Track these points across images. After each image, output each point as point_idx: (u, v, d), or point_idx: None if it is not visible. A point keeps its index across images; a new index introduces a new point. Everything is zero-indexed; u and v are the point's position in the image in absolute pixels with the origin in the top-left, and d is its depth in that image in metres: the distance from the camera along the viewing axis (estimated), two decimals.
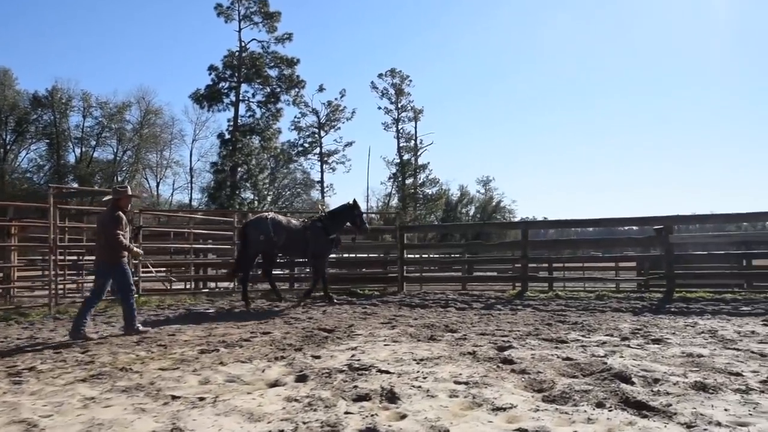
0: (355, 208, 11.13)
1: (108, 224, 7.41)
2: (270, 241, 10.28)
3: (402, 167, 64.17)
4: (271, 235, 10.24)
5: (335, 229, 10.96)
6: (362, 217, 11.20)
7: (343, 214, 11.19)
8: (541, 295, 11.37)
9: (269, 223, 10.35)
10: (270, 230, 10.25)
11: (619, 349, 6.02)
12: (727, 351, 5.84)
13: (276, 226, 10.39)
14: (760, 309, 8.98)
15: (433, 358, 5.60)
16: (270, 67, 46.34)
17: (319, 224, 10.85)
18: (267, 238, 10.24)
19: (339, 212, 11.29)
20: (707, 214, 11.62)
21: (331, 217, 11.09)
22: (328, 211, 11.51)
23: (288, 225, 10.69)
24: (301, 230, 10.71)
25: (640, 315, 8.73)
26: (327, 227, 10.76)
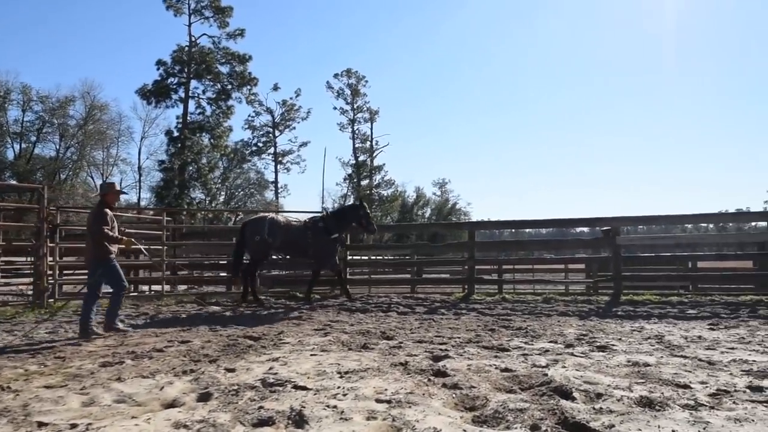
0: (362, 208, 10.90)
1: (93, 221, 7.40)
2: (264, 242, 10.15)
3: (357, 168, 63.64)
4: (265, 236, 10.10)
5: (339, 229, 10.69)
6: (369, 218, 10.91)
7: (348, 214, 10.96)
8: (488, 298, 10.97)
9: (266, 224, 10.24)
10: (265, 231, 10.13)
11: (562, 357, 5.59)
12: (674, 359, 5.49)
13: (272, 227, 10.23)
14: (706, 312, 8.77)
15: (360, 371, 5.04)
16: (221, 64, 45.04)
17: (321, 224, 10.53)
18: (261, 239, 10.12)
19: (343, 212, 11.09)
20: (653, 216, 11.43)
21: (335, 217, 10.81)
22: (332, 211, 11.25)
23: (286, 226, 10.45)
24: (301, 230, 10.47)
25: (586, 319, 8.39)
26: (329, 227, 10.48)
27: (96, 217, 7.44)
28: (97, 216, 7.44)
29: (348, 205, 11.20)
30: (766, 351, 5.83)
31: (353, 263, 14.49)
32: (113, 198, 7.84)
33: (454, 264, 16.04)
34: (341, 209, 11.20)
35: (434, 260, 16.16)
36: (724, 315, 8.49)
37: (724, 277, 12.47)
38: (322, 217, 10.84)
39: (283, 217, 10.95)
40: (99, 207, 7.59)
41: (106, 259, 7.42)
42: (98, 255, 7.39)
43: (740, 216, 11.49)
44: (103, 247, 7.35)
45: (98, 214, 7.44)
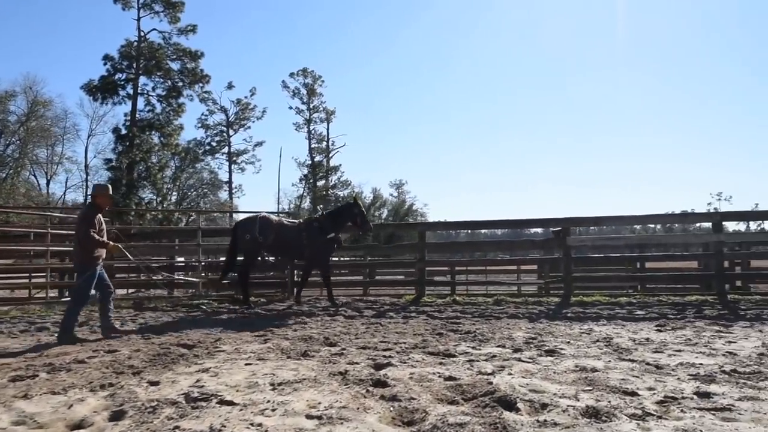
0: (356, 206, 10.58)
1: (80, 223, 7.26)
2: (255, 241, 9.96)
3: (314, 169, 63.03)
4: (256, 235, 9.91)
5: (335, 229, 10.40)
6: (364, 216, 10.58)
7: (343, 214, 10.67)
8: (439, 300, 10.75)
9: (257, 223, 10.04)
10: (256, 230, 9.94)
11: (509, 363, 5.37)
12: (622, 363, 5.34)
13: (264, 226, 10.02)
14: (653, 313, 8.76)
15: (295, 382, 4.70)
16: (172, 60, 43.69)
17: (315, 224, 10.29)
18: (252, 238, 9.95)
19: (338, 212, 10.80)
20: (602, 216, 11.44)
21: (330, 217, 10.52)
22: (327, 211, 10.92)
23: (279, 225, 10.20)
24: (296, 231, 10.21)
25: (536, 321, 8.24)
26: (325, 227, 10.23)
27: (83, 219, 7.24)
28: (84, 219, 7.24)
29: (343, 204, 10.80)
30: (713, 353, 5.76)
31: None
32: (104, 201, 7.54)
33: (410, 266, 15.85)
34: (337, 209, 10.94)
35: (388, 262, 15.90)
36: (671, 316, 8.48)
37: (671, 278, 12.62)
38: (317, 218, 10.61)
39: (276, 217, 10.71)
40: (88, 209, 7.43)
41: (91, 265, 7.22)
42: (84, 259, 7.21)
43: (686, 217, 11.63)
44: (89, 252, 7.17)
45: (86, 216, 7.26)
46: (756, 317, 8.21)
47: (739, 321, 7.90)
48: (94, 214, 7.32)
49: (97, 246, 7.22)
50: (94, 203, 7.45)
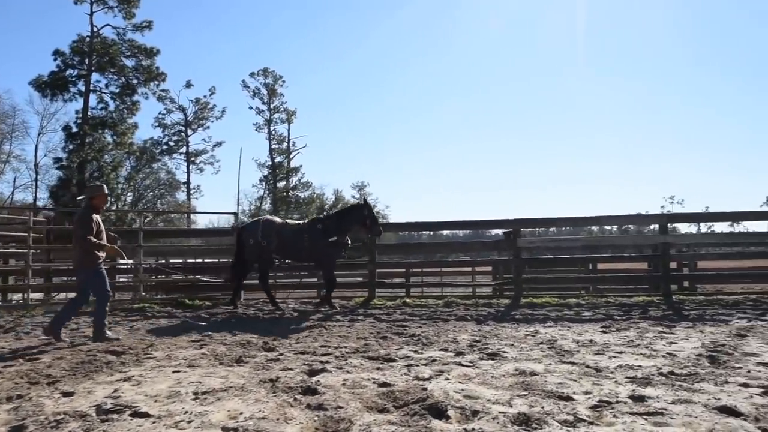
0: (366, 208, 10.08)
1: (77, 227, 7.14)
2: (258, 245, 9.78)
3: (274, 170, 62.23)
4: (259, 239, 9.75)
5: (341, 231, 9.91)
6: (374, 218, 10.07)
7: (351, 215, 10.15)
8: (389, 303, 10.57)
9: (260, 226, 9.89)
10: (259, 234, 9.77)
11: (448, 368, 5.22)
12: (562, 366, 5.25)
13: (266, 229, 9.83)
14: (600, 314, 8.77)
15: (221, 390, 4.45)
16: (126, 57, 42.40)
17: (319, 226, 9.92)
18: (255, 242, 9.79)
19: (345, 213, 10.31)
20: (554, 218, 11.50)
21: (336, 219, 10.08)
22: (334, 212, 10.46)
23: (282, 228, 9.96)
24: (297, 233, 9.92)
25: (483, 324, 8.14)
26: (329, 229, 9.82)
27: (81, 223, 7.14)
28: (81, 222, 7.13)
29: (350, 205, 10.37)
30: (653, 354, 5.73)
31: None
32: (101, 201, 7.46)
33: (352, 268, 15.61)
34: (342, 210, 10.44)
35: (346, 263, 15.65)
36: (617, 317, 8.49)
37: (620, 279, 12.76)
38: (321, 219, 10.25)
39: (280, 219, 10.40)
40: (85, 212, 7.27)
41: (93, 265, 7.16)
42: (84, 261, 7.14)
43: (633, 218, 11.77)
44: (89, 253, 7.11)
45: (83, 219, 7.14)
46: (698, 318, 8.29)
47: (682, 322, 7.96)
48: (91, 216, 7.18)
49: (94, 249, 7.12)
50: (90, 204, 7.33)
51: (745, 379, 4.59)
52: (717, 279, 13.45)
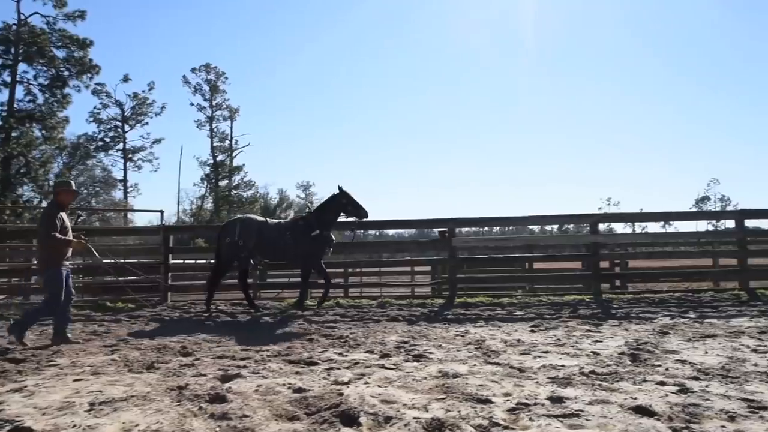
0: (342, 195, 9.59)
1: (41, 224, 6.89)
2: (235, 244, 9.40)
3: (216, 168, 60.83)
4: (235, 238, 9.39)
5: (325, 225, 9.54)
6: (354, 203, 9.55)
7: (330, 207, 9.71)
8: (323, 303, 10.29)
9: (237, 226, 9.52)
10: (236, 233, 9.41)
11: (370, 371, 5.04)
12: (486, 367, 5.15)
13: (245, 229, 9.45)
14: (531, 313, 8.78)
15: (121, 400, 4.11)
16: (57, 47, 40.24)
17: (301, 223, 9.58)
18: (232, 241, 9.43)
19: (325, 205, 9.78)
20: (487, 218, 11.52)
21: (318, 213, 9.66)
22: (315, 207, 9.92)
23: (262, 227, 9.55)
24: (279, 231, 9.56)
25: (414, 324, 8.01)
26: (312, 225, 9.44)
27: (43, 220, 6.87)
28: (45, 219, 6.86)
29: (329, 196, 9.82)
30: (577, 353, 5.72)
31: (179, 267, 13.22)
32: (67, 197, 7.16)
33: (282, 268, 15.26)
34: (323, 203, 9.93)
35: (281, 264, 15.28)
36: (548, 316, 8.53)
37: (554, 278, 12.93)
38: (303, 216, 9.82)
39: (260, 218, 9.93)
40: (49, 209, 7.01)
41: (57, 266, 6.82)
42: (48, 261, 6.84)
43: (565, 218, 11.98)
44: (53, 253, 6.78)
45: (46, 216, 6.87)
46: (625, 316, 8.42)
47: (610, 320, 8.05)
48: (56, 213, 6.86)
49: (60, 244, 6.77)
50: (56, 201, 7.02)
51: (662, 377, 4.59)
52: (646, 277, 13.85)
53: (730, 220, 11.57)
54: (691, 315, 8.39)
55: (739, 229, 10.80)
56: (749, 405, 3.81)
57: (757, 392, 4.13)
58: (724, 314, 8.43)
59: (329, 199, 9.72)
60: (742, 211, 11.18)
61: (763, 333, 6.78)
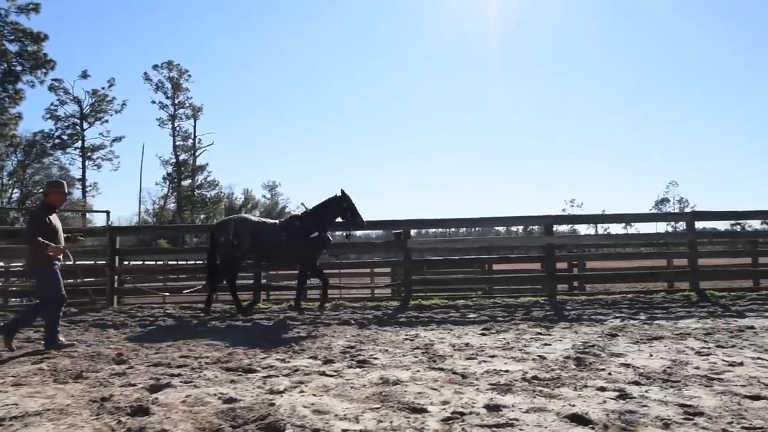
0: (344, 199, 9.30)
1: (27, 224, 6.94)
2: (230, 245, 9.08)
3: (178, 167, 59.70)
4: (230, 238, 9.06)
5: (322, 227, 9.25)
6: (354, 209, 9.30)
7: (330, 209, 9.39)
8: (275, 306, 10.07)
9: (232, 225, 9.23)
10: (230, 233, 9.09)
11: (309, 378, 4.86)
12: (429, 373, 5.03)
13: (239, 228, 9.13)
14: (485, 316, 8.72)
15: (35, 414, 3.87)
16: (9, 41, 38.82)
17: (297, 223, 9.26)
18: (227, 240, 9.11)
19: (324, 207, 9.42)
20: (443, 219, 11.45)
21: (315, 214, 9.30)
22: (312, 208, 9.45)
23: (257, 227, 9.25)
24: (274, 231, 9.26)
25: (365, 328, 7.85)
26: (308, 226, 9.16)
27: (29, 221, 6.85)
28: (30, 221, 6.82)
29: (329, 198, 9.48)
30: (524, 357, 5.64)
31: (126, 269, 12.81)
32: (57, 199, 6.95)
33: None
34: (319, 204, 9.50)
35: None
36: (500, 318, 8.47)
37: (511, 279, 12.93)
38: (299, 216, 9.43)
39: (255, 217, 9.55)
40: (38, 210, 6.93)
41: (46, 266, 6.60)
42: (36, 262, 6.63)
43: (523, 220, 11.99)
44: (39, 254, 6.53)
45: (33, 218, 6.79)
46: (577, 318, 8.42)
47: (561, 322, 8.04)
48: (44, 215, 6.69)
49: (40, 248, 6.49)
50: (46, 202, 6.89)
51: (604, 383, 4.54)
52: (600, 279, 13.97)
53: (681, 222, 11.70)
54: (642, 316, 8.45)
55: (690, 231, 10.95)
56: (685, 411, 3.76)
57: (694, 397, 4.10)
58: (673, 315, 8.51)
59: (329, 200, 9.45)
60: (693, 213, 11.36)
61: (708, 335, 6.83)
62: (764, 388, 4.31)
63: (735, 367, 5.07)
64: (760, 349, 5.89)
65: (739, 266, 13.70)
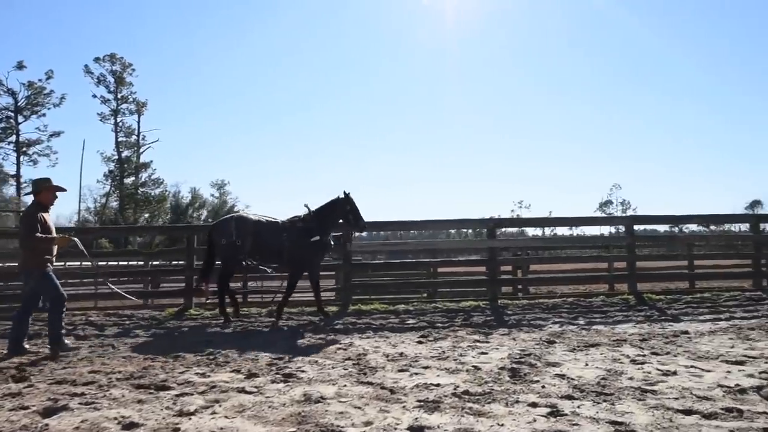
0: (348, 202, 8.94)
1: (21, 226, 6.75)
2: (233, 246, 8.62)
3: (121, 164, 57.55)
4: (233, 239, 8.59)
5: (324, 230, 8.89)
6: (357, 213, 8.97)
7: (333, 211, 9.02)
8: (207, 313, 9.56)
9: (233, 225, 8.75)
10: (233, 234, 8.63)
11: (226, 396, 4.50)
12: (357, 388, 4.74)
13: (240, 228, 8.69)
14: (424, 322, 8.48)
15: None
16: None
17: (300, 225, 8.85)
18: (229, 242, 8.63)
19: (327, 209, 9.03)
20: (384, 221, 11.18)
21: (318, 216, 8.90)
22: (315, 209, 8.94)
23: (258, 227, 8.80)
24: (275, 231, 8.81)
25: (298, 336, 7.50)
26: (311, 228, 8.76)
27: (24, 221, 6.61)
28: (25, 220, 6.59)
29: (332, 200, 9.02)
30: (458, 369, 5.42)
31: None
32: (48, 197, 6.81)
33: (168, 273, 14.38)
34: (324, 206, 9.05)
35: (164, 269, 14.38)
36: (440, 324, 8.24)
37: (457, 283, 12.82)
38: (302, 217, 8.92)
39: (255, 216, 9.00)
40: (30, 209, 6.74)
41: (41, 267, 6.50)
42: (30, 263, 6.51)
43: (464, 223, 11.88)
44: (36, 255, 6.48)
45: (27, 217, 6.58)
46: (516, 323, 8.28)
47: (500, 328, 7.88)
48: (37, 213, 6.56)
49: (43, 245, 6.47)
50: (37, 201, 6.73)
51: (536, 397, 4.34)
52: (545, 282, 14.01)
53: (621, 225, 11.84)
54: (580, 321, 8.39)
55: (629, 234, 11.05)
56: (616, 429, 3.60)
57: (626, 413, 3.94)
58: (611, 320, 8.49)
59: (332, 202, 9.06)
60: (632, 217, 11.50)
61: (644, 340, 6.79)
62: (696, 401, 4.20)
63: (669, 377, 4.98)
64: (693, 356, 5.85)
65: (676, 268, 14.00)
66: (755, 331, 7.38)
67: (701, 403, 4.14)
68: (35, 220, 6.51)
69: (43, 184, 6.83)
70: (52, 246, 6.65)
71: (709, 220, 17.29)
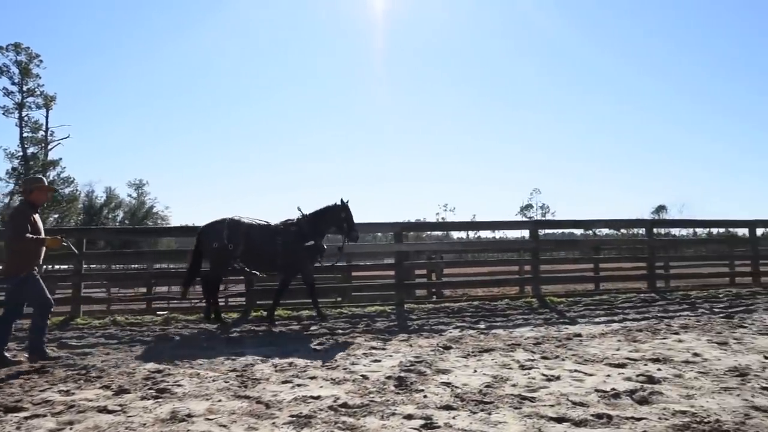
0: (343, 209, 8.86)
1: (8, 226, 6.36)
2: (224, 249, 8.44)
3: (26, 162, 53.99)
4: (225, 242, 8.41)
5: (316, 235, 8.80)
6: (351, 221, 8.89)
7: (328, 217, 8.92)
8: (96, 321, 8.89)
9: (225, 228, 8.52)
10: (224, 237, 8.44)
11: (83, 417, 4.15)
12: (231, 403, 4.48)
13: (233, 231, 8.51)
14: (325, 328, 8.25)
15: None
16: None
17: (293, 229, 8.73)
18: (221, 245, 8.43)
19: (322, 214, 8.93)
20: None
21: (313, 221, 8.81)
22: (310, 213, 8.91)
23: (250, 230, 8.64)
24: (269, 235, 8.67)
25: (188, 346, 7.11)
26: (305, 233, 8.67)
27: (12, 221, 6.29)
28: (13, 220, 6.28)
29: (328, 205, 8.79)
30: (345, 378, 5.26)
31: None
32: (40, 196, 6.52)
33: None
34: (320, 211, 8.81)
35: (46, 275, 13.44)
36: (341, 331, 8.05)
37: (365, 287, 12.70)
38: (296, 221, 8.80)
39: (247, 219, 8.85)
40: (20, 208, 6.42)
41: (27, 271, 6.16)
42: (15, 267, 6.14)
43: (375, 227, 11.76)
44: (22, 257, 6.13)
45: (16, 217, 6.27)
46: (418, 328, 8.21)
47: (401, 333, 7.79)
48: (26, 214, 6.24)
49: (31, 247, 6.15)
50: (28, 200, 6.42)
51: (414, 408, 4.24)
52: (455, 285, 14.14)
53: (525, 230, 12.13)
54: (481, 325, 8.44)
55: (533, 239, 11.31)
56: None
57: (500, 423, 3.90)
58: (511, 324, 8.59)
59: (328, 208, 8.93)
60: (535, 222, 11.78)
61: (537, 344, 6.88)
62: (570, 408, 4.22)
63: (551, 383, 5.01)
64: (579, 360, 5.95)
65: (580, 271, 14.50)
66: (642, 332, 7.64)
67: (575, 410, 4.15)
68: (26, 219, 6.19)
69: (36, 183, 6.54)
70: (41, 248, 6.30)
71: (610, 225, 18.21)
